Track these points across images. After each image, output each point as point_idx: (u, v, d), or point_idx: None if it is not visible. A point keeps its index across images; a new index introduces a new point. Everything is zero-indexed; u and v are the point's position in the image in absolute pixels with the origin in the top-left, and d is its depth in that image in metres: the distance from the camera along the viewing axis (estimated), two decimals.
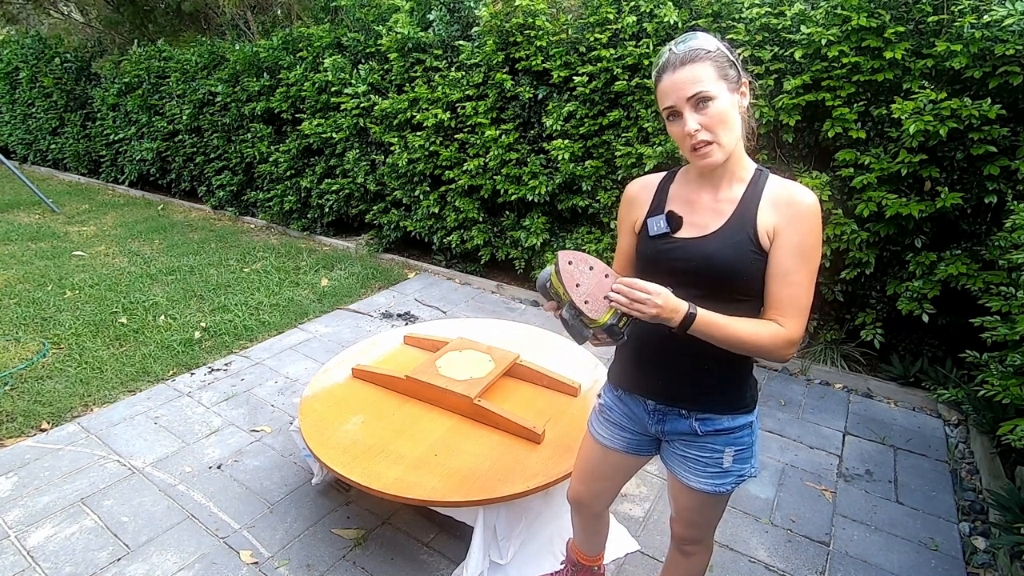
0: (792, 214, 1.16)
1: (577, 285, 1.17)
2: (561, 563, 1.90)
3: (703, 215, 1.25)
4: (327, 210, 5.25)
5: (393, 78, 4.47)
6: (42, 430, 2.71)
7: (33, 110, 8.07)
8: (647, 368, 1.35)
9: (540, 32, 3.72)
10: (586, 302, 1.16)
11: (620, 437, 1.47)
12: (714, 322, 1.14)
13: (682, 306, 1.13)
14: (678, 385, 1.31)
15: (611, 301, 1.14)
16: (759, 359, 1.22)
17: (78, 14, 8.67)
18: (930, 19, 2.71)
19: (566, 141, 3.75)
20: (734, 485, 1.34)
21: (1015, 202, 2.52)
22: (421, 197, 4.56)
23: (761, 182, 1.22)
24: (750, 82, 1.22)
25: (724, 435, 1.30)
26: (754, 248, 1.18)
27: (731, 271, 1.19)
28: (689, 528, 1.46)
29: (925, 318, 2.86)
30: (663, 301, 1.11)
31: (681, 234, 1.26)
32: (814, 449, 2.65)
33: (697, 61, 1.14)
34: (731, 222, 1.21)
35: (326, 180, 5.12)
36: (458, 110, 4.16)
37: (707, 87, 1.13)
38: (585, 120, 3.69)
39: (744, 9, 3.08)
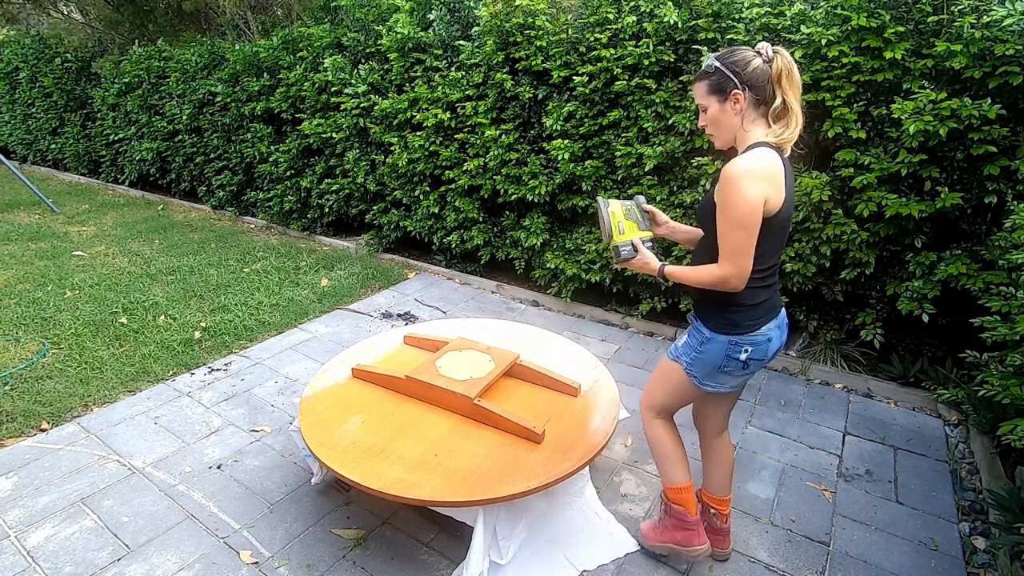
0: (721, 180, 1.54)
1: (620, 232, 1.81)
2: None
3: None
4: (327, 210, 5.25)
5: (393, 78, 4.47)
6: (42, 430, 2.71)
7: (33, 110, 8.07)
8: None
9: (540, 32, 3.72)
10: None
11: None
12: (676, 271, 1.69)
13: (655, 265, 1.75)
14: (693, 299, 1.83)
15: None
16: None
17: (78, 14, 8.67)
18: (930, 19, 2.71)
19: (566, 141, 3.75)
20: (672, 357, 1.82)
21: (1015, 202, 2.52)
22: (421, 197, 4.56)
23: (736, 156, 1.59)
24: (744, 93, 1.56)
25: (692, 327, 1.79)
26: (711, 203, 1.60)
27: (703, 219, 1.70)
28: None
29: (925, 318, 2.86)
30: (637, 262, 1.78)
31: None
32: (814, 449, 2.65)
33: (699, 80, 1.63)
34: (710, 186, 1.73)
35: (326, 180, 5.12)
36: (458, 110, 4.16)
37: (701, 101, 1.64)
38: (585, 120, 3.69)
39: (744, 9, 3.08)
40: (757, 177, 1.48)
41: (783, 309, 1.77)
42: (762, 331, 1.67)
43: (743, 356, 1.67)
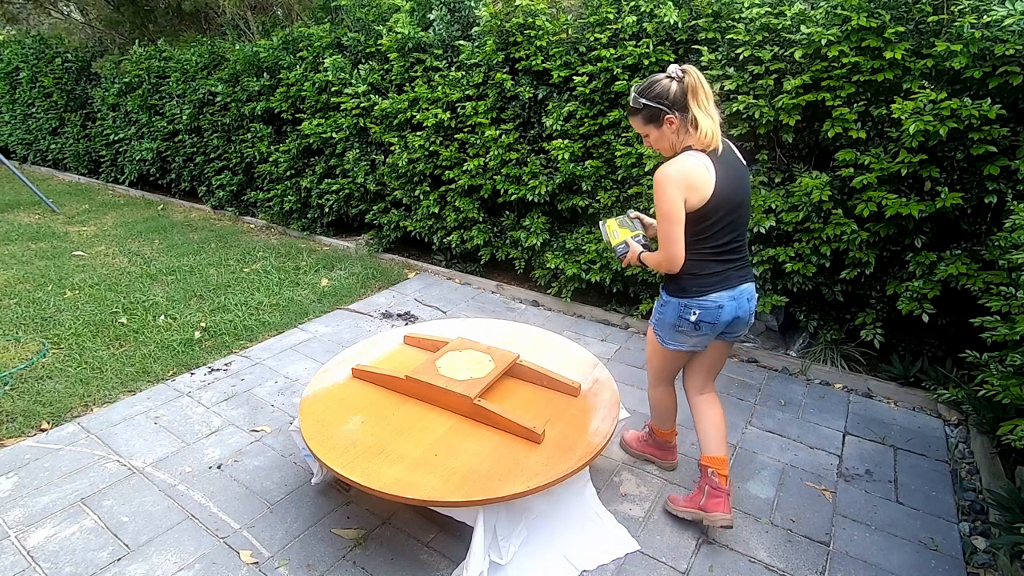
0: (653, 183, 1.83)
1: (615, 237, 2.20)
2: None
3: None
4: (327, 210, 5.25)
5: (393, 78, 4.47)
6: (42, 430, 2.71)
7: (33, 110, 8.07)
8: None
9: (540, 32, 3.72)
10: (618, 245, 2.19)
11: None
12: (643, 256, 2.03)
13: (638, 251, 2.07)
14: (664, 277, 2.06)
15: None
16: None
17: (78, 14, 8.68)
18: (930, 19, 2.71)
19: (566, 141, 3.75)
20: (649, 324, 2.17)
21: (1015, 202, 2.52)
22: (421, 197, 4.56)
23: None
24: (675, 115, 1.83)
25: (659, 297, 2.09)
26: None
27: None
28: None
29: (925, 318, 2.86)
30: (630, 255, 2.10)
31: None
32: (814, 449, 2.65)
33: (632, 115, 1.94)
34: None
35: (326, 180, 5.12)
36: (458, 110, 4.16)
37: (639, 130, 1.95)
38: (585, 120, 3.69)
39: (744, 9, 3.08)
40: (675, 182, 1.79)
41: (747, 286, 2.01)
42: (711, 297, 1.94)
43: (693, 317, 1.96)
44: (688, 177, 1.79)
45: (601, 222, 2.24)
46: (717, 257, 1.92)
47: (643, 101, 1.85)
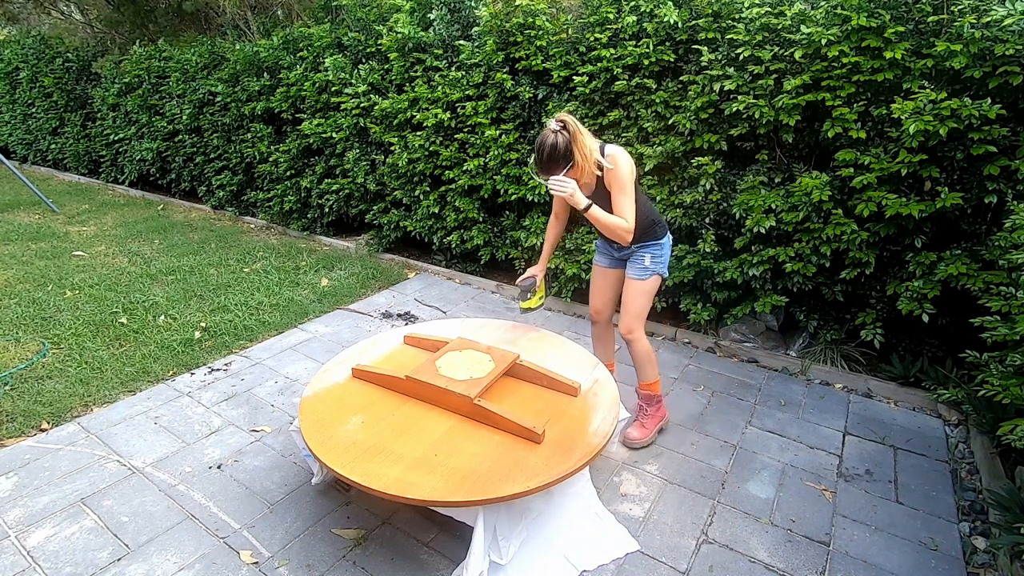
0: (615, 177, 2.31)
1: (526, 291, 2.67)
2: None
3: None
4: (327, 210, 5.25)
5: (393, 78, 4.47)
6: (42, 430, 2.71)
7: (33, 110, 8.07)
8: (606, 238, 2.53)
9: (540, 32, 3.72)
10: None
11: (604, 258, 2.66)
12: (596, 213, 2.28)
13: (583, 202, 2.26)
14: (637, 238, 2.47)
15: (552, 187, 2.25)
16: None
17: (78, 14, 8.68)
18: (930, 19, 2.71)
19: None
20: (649, 274, 2.49)
21: (1015, 202, 2.52)
22: (421, 197, 4.56)
23: None
24: (576, 152, 2.26)
25: (643, 248, 2.49)
26: (606, 192, 2.39)
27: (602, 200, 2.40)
28: (626, 317, 2.52)
29: (925, 318, 2.86)
30: (571, 191, 2.22)
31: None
32: (814, 449, 2.65)
33: (548, 172, 2.28)
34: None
35: (326, 180, 5.12)
36: (458, 110, 4.16)
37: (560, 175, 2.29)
38: (585, 120, 3.68)
39: (744, 9, 3.08)
40: (630, 171, 2.30)
41: None
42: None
43: (670, 242, 2.56)
44: (631, 161, 2.34)
45: (524, 313, 2.74)
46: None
47: (561, 163, 2.25)
